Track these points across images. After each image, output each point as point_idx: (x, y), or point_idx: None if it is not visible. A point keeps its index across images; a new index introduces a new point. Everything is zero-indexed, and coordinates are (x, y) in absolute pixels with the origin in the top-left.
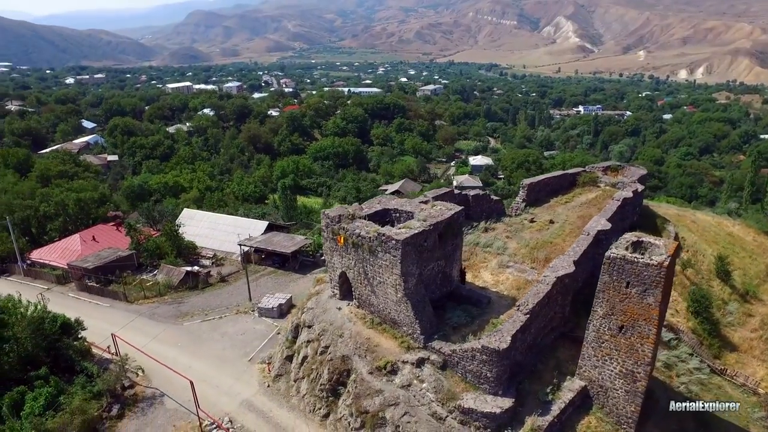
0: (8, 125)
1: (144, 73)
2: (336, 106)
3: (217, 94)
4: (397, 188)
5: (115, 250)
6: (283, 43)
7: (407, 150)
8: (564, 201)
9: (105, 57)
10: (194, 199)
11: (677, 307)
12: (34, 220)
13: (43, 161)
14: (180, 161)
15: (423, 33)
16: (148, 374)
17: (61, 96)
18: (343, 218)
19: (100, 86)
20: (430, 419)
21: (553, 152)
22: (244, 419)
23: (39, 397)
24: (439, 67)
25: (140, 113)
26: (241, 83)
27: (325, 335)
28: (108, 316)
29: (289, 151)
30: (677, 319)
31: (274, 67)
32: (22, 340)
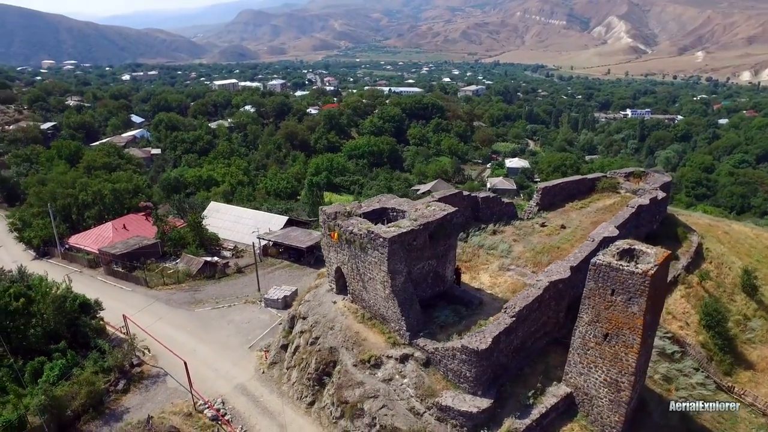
0: (66, 119)
1: (194, 70)
2: (374, 105)
3: (260, 91)
4: (429, 188)
5: (141, 238)
6: (329, 41)
7: (443, 150)
8: (579, 206)
9: (159, 55)
10: (224, 193)
11: (688, 320)
12: (74, 208)
13: (90, 153)
14: (217, 156)
15: (469, 33)
16: (155, 355)
17: (115, 92)
18: (339, 215)
19: (152, 82)
20: (407, 414)
21: (595, 156)
22: (236, 402)
23: (54, 368)
24: (484, 67)
25: (185, 109)
26: (285, 81)
27: (317, 327)
28: (128, 299)
29: (325, 148)
30: (686, 331)
31: (319, 66)
32: (47, 316)
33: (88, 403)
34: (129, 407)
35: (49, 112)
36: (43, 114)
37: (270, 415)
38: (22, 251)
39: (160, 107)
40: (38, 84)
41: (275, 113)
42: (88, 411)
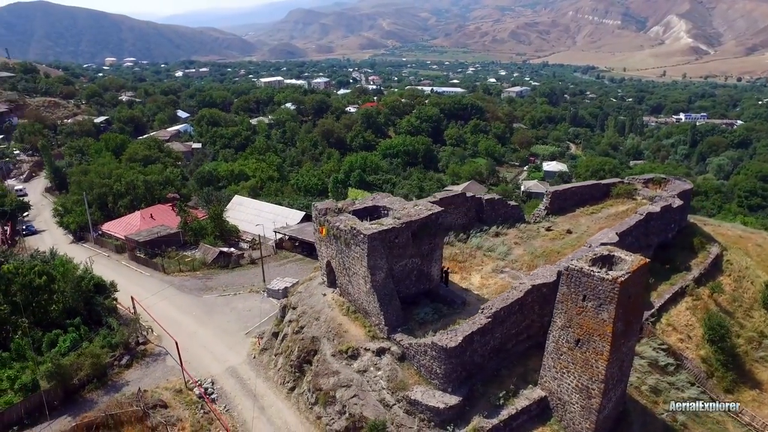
0: (117, 113)
1: (243, 67)
2: (413, 105)
3: (302, 89)
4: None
5: (165, 227)
6: (377, 40)
7: (480, 152)
8: (590, 212)
9: (212, 52)
10: (252, 187)
11: (691, 333)
12: (110, 197)
13: (133, 146)
14: (253, 151)
15: (518, 33)
16: (159, 335)
17: (165, 88)
18: (329, 211)
19: (203, 79)
20: (377, 405)
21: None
22: (225, 383)
23: (66, 340)
24: (532, 68)
25: (229, 105)
26: (329, 79)
27: (304, 317)
28: (145, 283)
29: (361, 147)
30: (686, 345)
31: (364, 64)
32: (66, 294)
33: (93, 374)
34: (129, 381)
35: (103, 107)
36: (98, 108)
37: (253, 397)
38: (63, 235)
39: (205, 103)
40: (97, 80)
41: (314, 111)
42: (92, 381)
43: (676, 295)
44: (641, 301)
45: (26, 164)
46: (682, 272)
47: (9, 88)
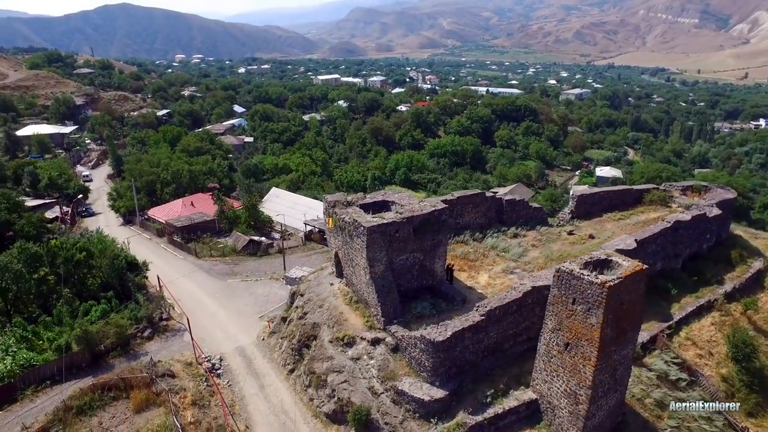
0: (178, 107)
1: (303, 65)
2: (465, 105)
3: (356, 87)
4: (507, 192)
5: (203, 215)
6: (436, 40)
7: (530, 154)
8: (618, 218)
9: (275, 50)
10: (293, 181)
11: (713, 349)
12: (158, 184)
13: (187, 138)
14: (301, 146)
15: (583, 33)
16: (182, 313)
17: (225, 84)
18: (338, 204)
19: (263, 76)
20: (366, 392)
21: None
22: (232, 361)
23: (97, 310)
24: (596, 69)
25: (284, 101)
26: (385, 78)
27: (309, 304)
28: (178, 265)
29: (409, 145)
30: (706, 361)
31: (423, 64)
32: (103, 269)
33: (117, 343)
34: (148, 351)
35: (166, 101)
36: (161, 102)
37: (256, 376)
38: (115, 218)
39: (261, 99)
40: (165, 76)
41: (365, 109)
42: (116, 348)
43: (701, 308)
44: (638, 309)
45: (94, 152)
46: (713, 285)
47: (87, 83)
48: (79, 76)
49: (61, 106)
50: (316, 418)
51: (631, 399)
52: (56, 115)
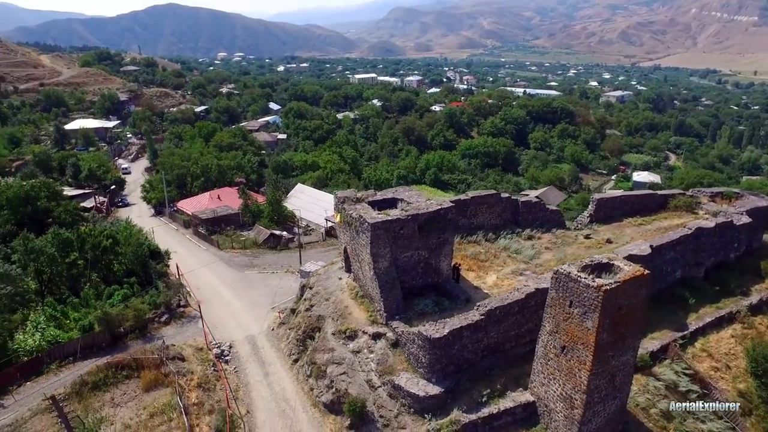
0: (215, 104)
1: (341, 64)
2: (500, 106)
3: (391, 86)
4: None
5: (228, 208)
6: (476, 40)
7: (565, 157)
8: (639, 223)
9: (314, 49)
10: (320, 178)
11: (731, 363)
12: (189, 178)
13: (221, 134)
14: (332, 144)
15: (629, 33)
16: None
17: (263, 82)
18: (347, 200)
19: (301, 74)
20: (363, 384)
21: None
22: (241, 348)
23: (119, 294)
24: (641, 71)
25: (319, 99)
26: (422, 78)
27: (316, 297)
28: (200, 255)
29: (441, 145)
30: (721, 374)
31: (461, 64)
32: (127, 256)
33: (135, 326)
34: (164, 335)
35: (205, 97)
36: (200, 99)
37: (262, 364)
38: (147, 209)
39: (297, 97)
40: (205, 73)
41: (399, 108)
42: (134, 331)
43: (721, 320)
44: (638, 315)
45: (134, 146)
46: (736, 297)
47: (132, 80)
48: (125, 73)
49: (106, 102)
50: (315, 407)
51: (635, 408)
52: (102, 110)
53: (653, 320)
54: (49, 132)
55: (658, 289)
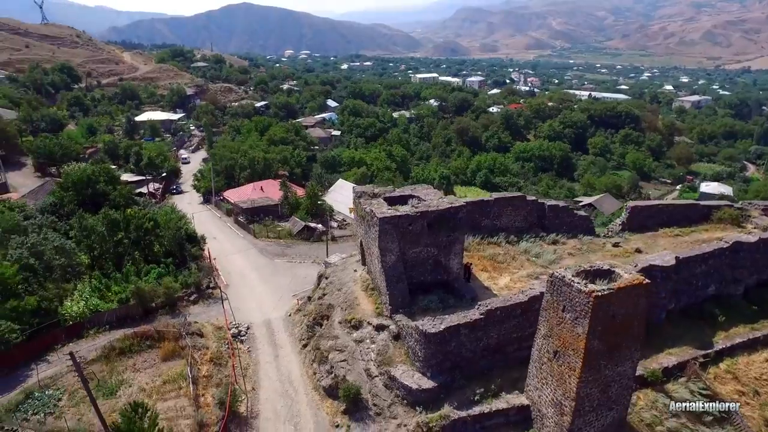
0: (275, 99)
1: (404, 63)
2: (559, 109)
3: (450, 87)
4: (592, 201)
5: (268, 199)
6: (544, 41)
7: (626, 164)
8: (675, 234)
9: (379, 47)
10: (363, 174)
11: (761, 389)
12: (236, 168)
13: (274, 128)
14: (383, 142)
15: (714, 33)
16: (228, 284)
17: (323, 79)
18: (364, 195)
19: (364, 72)
20: (361, 372)
21: None
22: (258, 330)
23: (154, 273)
24: (726, 75)
25: (376, 98)
26: (484, 79)
27: (330, 286)
28: (236, 242)
29: (495, 147)
30: (746, 399)
31: (527, 65)
32: (167, 238)
33: (166, 302)
34: (190, 313)
35: (266, 93)
36: (261, 94)
37: (274, 346)
38: (197, 197)
39: (354, 94)
40: (269, 70)
41: (455, 108)
42: (165, 307)
43: (755, 341)
44: (637, 325)
45: (196, 138)
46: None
47: (200, 75)
48: (195, 69)
49: (174, 96)
50: (315, 390)
51: (639, 423)
52: (170, 103)
53: (674, 335)
54: (121, 123)
55: (686, 303)
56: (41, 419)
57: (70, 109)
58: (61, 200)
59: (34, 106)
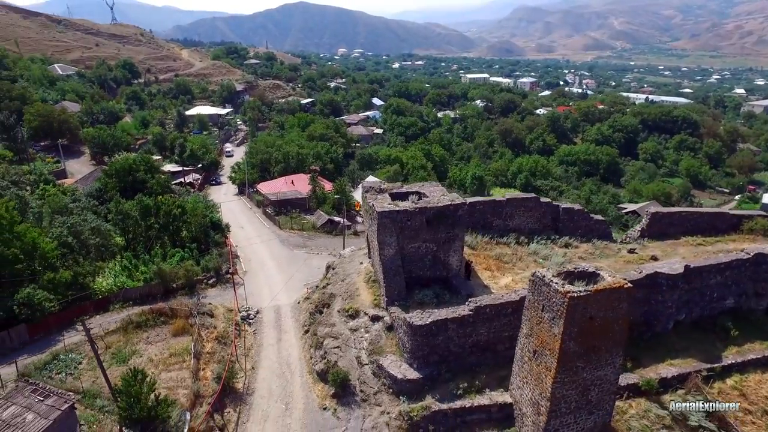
0: (321, 97)
1: (456, 62)
2: (610, 112)
3: (498, 87)
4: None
5: (297, 192)
6: (603, 41)
7: (679, 172)
8: (698, 243)
9: (433, 47)
10: (396, 172)
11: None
12: (271, 162)
13: (315, 125)
14: (423, 141)
15: None
16: (247, 271)
17: (372, 78)
18: (371, 189)
19: (415, 71)
20: (352, 360)
21: None
22: (266, 315)
23: (177, 256)
24: None
25: (422, 97)
26: (536, 80)
27: (335, 277)
28: (261, 231)
29: (539, 150)
30: (752, 418)
31: (583, 67)
32: (193, 225)
33: (186, 283)
34: (207, 295)
35: (313, 90)
36: (308, 92)
37: (279, 331)
38: (233, 188)
39: (400, 93)
40: (320, 68)
41: (501, 109)
42: (184, 288)
43: None
44: (618, 330)
45: (242, 132)
46: None
47: (251, 72)
48: (247, 66)
49: (224, 91)
50: (310, 374)
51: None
52: (220, 98)
53: (680, 346)
54: (173, 116)
55: (699, 315)
56: (63, 378)
57: (128, 103)
58: (105, 186)
59: (95, 99)
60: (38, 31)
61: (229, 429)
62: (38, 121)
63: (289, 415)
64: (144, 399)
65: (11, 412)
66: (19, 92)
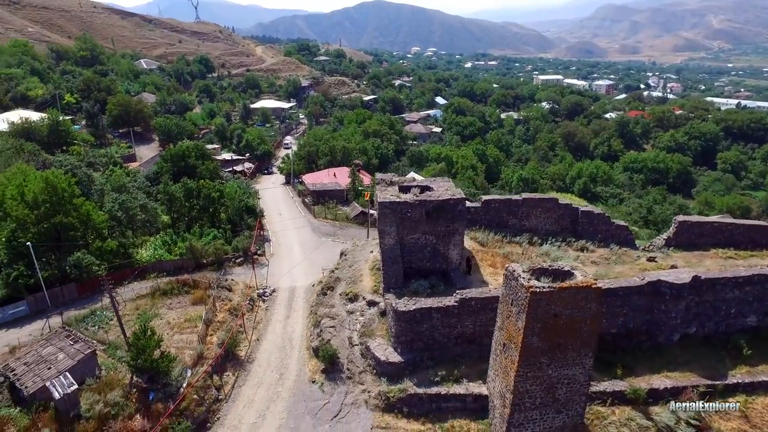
0: (384, 94)
1: (531, 63)
2: (688, 118)
3: (568, 89)
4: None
5: (336, 184)
6: (697, 41)
7: (763, 184)
8: (728, 256)
9: (509, 47)
10: (442, 171)
11: None
12: (318, 155)
13: (370, 121)
14: (479, 142)
15: None
16: (274, 253)
17: (439, 77)
18: (382, 182)
19: (488, 72)
20: (344, 340)
21: None
22: (281, 294)
23: (210, 235)
24: None
25: (487, 98)
26: (613, 83)
27: (344, 263)
28: (296, 219)
29: (603, 155)
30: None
31: (670, 69)
32: (230, 208)
33: (215, 260)
34: (233, 272)
35: (378, 88)
36: (372, 89)
37: (289, 309)
38: (282, 178)
39: (464, 93)
40: (390, 66)
41: (567, 112)
42: (213, 264)
43: None
44: (585, 329)
45: (303, 126)
46: None
47: (318, 69)
48: (317, 62)
49: (290, 87)
50: (306, 350)
51: None
52: (285, 93)
53: (681, 360)
54: (239, 109)
55: (713, 330)
56: (96, 331)
57: (200, 95)
58: (161, 170)
59: (170, 91)
60: (132, 29)
61: (226, 389)
62: (118, 110)
63: (281, 384)
64: (149, 352)
65: (48, 351)
66: (107, 84)
